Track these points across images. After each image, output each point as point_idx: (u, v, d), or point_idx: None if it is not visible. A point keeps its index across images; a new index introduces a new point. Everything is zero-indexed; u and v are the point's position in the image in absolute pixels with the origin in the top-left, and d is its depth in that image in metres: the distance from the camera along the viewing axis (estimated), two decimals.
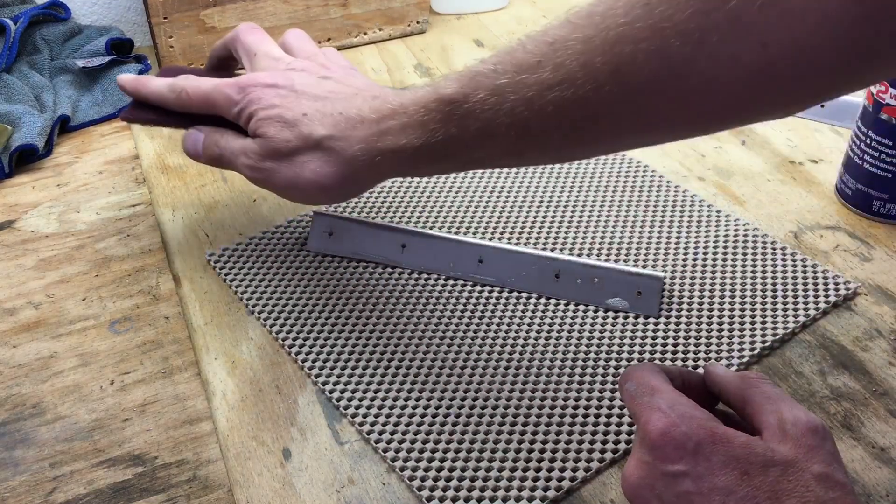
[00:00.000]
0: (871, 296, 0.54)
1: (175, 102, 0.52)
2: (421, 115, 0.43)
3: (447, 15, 0.92)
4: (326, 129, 0.46)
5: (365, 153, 0.45)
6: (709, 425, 0.35)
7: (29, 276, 0.54)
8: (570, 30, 0.38)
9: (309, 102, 0.47)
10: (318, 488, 0.42)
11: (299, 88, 0.48)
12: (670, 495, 0.34)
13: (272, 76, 0.49)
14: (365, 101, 0.46)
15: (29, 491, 0.41)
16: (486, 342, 0.50)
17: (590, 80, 0.37)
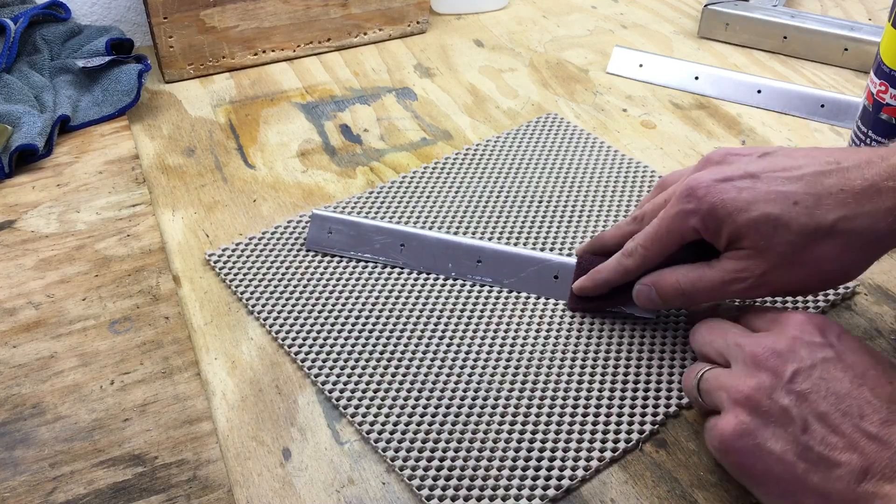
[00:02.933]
0: (871, 296, 0.54)
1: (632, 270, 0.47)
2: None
3: (447, 15, 0.92)
4: (834, 213, 0.40)
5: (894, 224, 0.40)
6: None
7: (29, 276, 0.54)
8: None
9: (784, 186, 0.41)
10: (318, 488, 0.42)
11: (756, 171, 0.43)
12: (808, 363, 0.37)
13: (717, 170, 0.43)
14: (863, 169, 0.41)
15: (29, 491, 0.41)
16: (485, 342, 0.50)
17: None
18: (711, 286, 0.44)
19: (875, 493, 0.34)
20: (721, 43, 0.86)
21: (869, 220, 0.40)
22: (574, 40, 0.87)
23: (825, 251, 0.41)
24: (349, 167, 0.67)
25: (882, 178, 0.40)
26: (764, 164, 0.43)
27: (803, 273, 0.42)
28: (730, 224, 0.42)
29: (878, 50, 0.60)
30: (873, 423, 0.35)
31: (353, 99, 0.76)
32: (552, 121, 0.72)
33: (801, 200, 0.41)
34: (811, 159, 0.43)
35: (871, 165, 0.41)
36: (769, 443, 0.37)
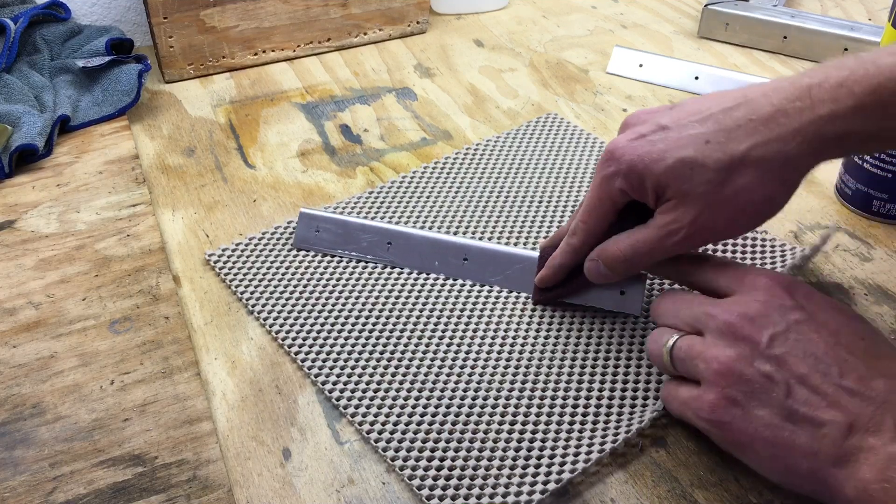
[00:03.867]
0: (871, 296, 0.54)
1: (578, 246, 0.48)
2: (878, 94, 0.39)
3: (447, 15, 0.92)
4: (745, 142, 0.41)
5: (804, 145, 0.40)
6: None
7: (29, 276, 0.54)
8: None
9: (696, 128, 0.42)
10: (318, 488, 0.42)
11: (667, 123, 0.43)
12: (782, 326, 0.38)
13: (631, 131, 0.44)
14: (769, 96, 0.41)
15: (29, 491, 0.41)
16: (485, 342, 0.50)
17: None
18: (650, 246, 0.44)
19: (860, 447, 0.35)
20: (721, 43, 0.86)
21: (779, 145, 0.40)
22: (574, 40, 0.87)
23: (744, 182, 0.41)
24: (349, 167, 0.67)
25: (789, 100, 0.40)
26: (674, 115, 0.44)
27: (730, 210, 0.42)
28: (650, 177, 0.42)
29: None
30: (852, 380, 0.37)
31: (353, 99, 0.76)
32: (552, 121, 0.72)
33: (713, 138, 0.41)
34: (718, 100, 0.43)
35: (777, 91, 0.41)
36: (755, 410, 0.38)
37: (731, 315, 0.40)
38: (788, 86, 0.41)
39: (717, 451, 0.44)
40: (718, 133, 0.41)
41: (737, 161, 0.41)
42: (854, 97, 0.39)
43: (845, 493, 0.35)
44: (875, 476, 0.34)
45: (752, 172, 0.41)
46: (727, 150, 0.41)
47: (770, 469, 0.38)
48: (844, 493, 0.35)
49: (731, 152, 0.41)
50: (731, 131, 0.41)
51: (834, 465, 0.36)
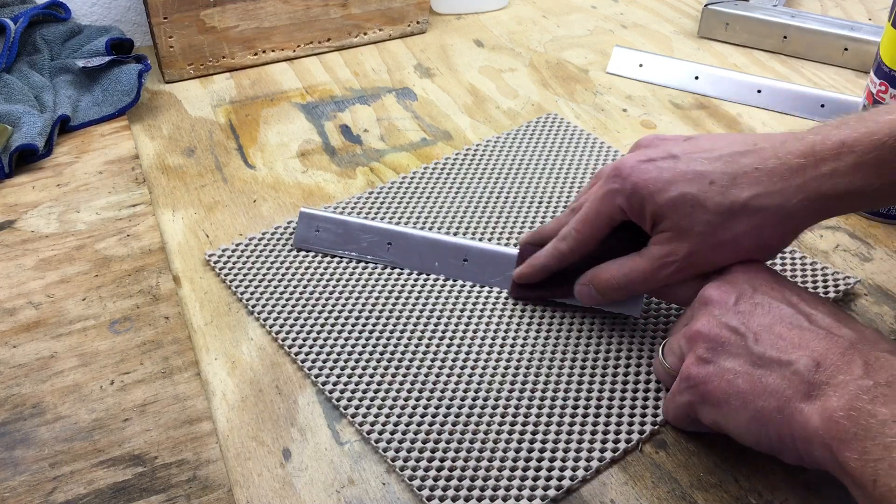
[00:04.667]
0: (871, 296, 0.54)
1: (566, 253, 0.48)
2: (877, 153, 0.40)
3: (447, 15, 0.92)
4: (747, 190, 0.42)
5: (805, 201, 0.41)
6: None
7: (29, 276, 0.54)
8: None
9: (703, 165, 0.43)
10: (318, 488, 0.42)
11: (678, 153, 0.44)
12: (749, 289, 0.41)
13: (642, 153, 0.45)
14: (777, 148, 0.42)
15: (29, 491, 0.41)
16: (485, 342, 0.50)
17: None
18: (644, 275, 0.45)
19: (828, 382, 0.36)
20: (721, 43, 0.86)
21: (780, 198, 0.41)
22: (574, 40, 0.87)
23: (741, 228, 0.42)
24: (349, 167, 0.67)
25: (794, 156, 0.42)
26: (686, 147, 0.45)
27: (724, 251, 0.43)
28: (651, 203, 0.43)
29: (878, 50, 0.60)
30: (819, 326, 0.38)
31: (353, 99, 0.76)
32: (552, 121, 0.72)
33: (718, 180, 0.42)
34: (731, 141, 0.44)
35: (785, 145, 0.42)
36: (726, 362, 0.39)
37: (706, 288, 0.43)
38: (795, 141, 0.42)
39: (716, 453, 0.44)
40: (724, 176, 0.42)
41: (737, 208, 0.42)
42: (855, 155, 0.40)
43: (811, 424, 0.35)
44: (842, 405, 0.35)
45: (751, 221, 0.42)
46: (729, 195, 0.42)
47: (743, 421, 0.38)
48: (811, 425, 0.35)
49: (733, 198, 0.42)
50: (737, 177, 0.42)
51: (802, 399, 0.36)
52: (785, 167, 0.42)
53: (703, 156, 0.44)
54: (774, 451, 0.38)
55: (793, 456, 0.38)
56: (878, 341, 0.37)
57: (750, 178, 0.42)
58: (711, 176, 0.42)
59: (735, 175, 0.42)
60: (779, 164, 0.42)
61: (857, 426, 0.34)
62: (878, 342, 0.37)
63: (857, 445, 0.33)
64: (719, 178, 0.42)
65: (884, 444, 0.33)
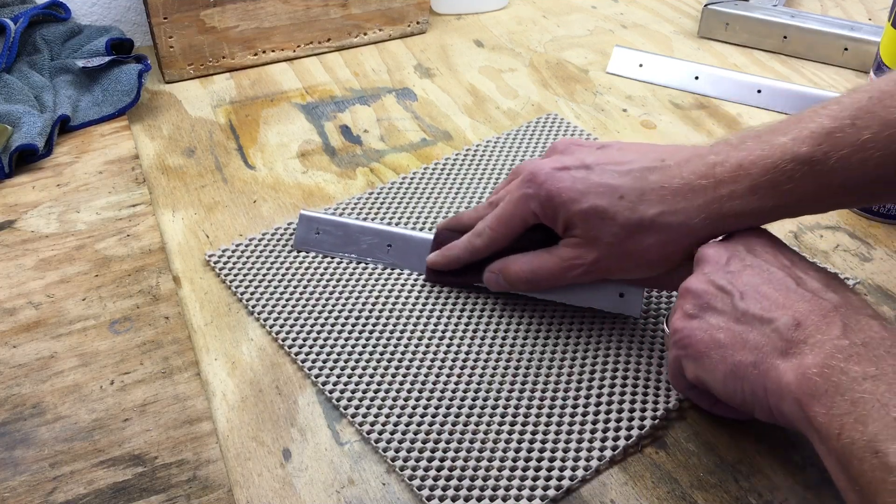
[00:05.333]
0: (871, 296, 0.54)
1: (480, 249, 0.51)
2: (770, 176, 0.42)
3: (447, 15, 0.92)
4: (654, 208, 0.44)
5: (706, 220, 0.44)
6: None
7: (29, 276, 0.54)
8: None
9: (615, 178, 0.45)
10: (318, 489, 0.42)
11: (591, 163, 0.46)
12: (742, 251, 0.42)
13: (556, 160, 0.47)
14: (682, 167, 0.45)
15: (29, 491, 0.41)
16: (485, 342, 0.50)
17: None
18: (551, 273, 0.48)
19: (805, 341, 0.36)
20: (721, 43, 0.86)
21: (683, 216, 0.44)
22: (574, 40, 0.87)
23: (647, 243, 0.45)
24: (349, 168, 0.67)
25: (697, 176, 0.44)
26: (599, 156, 0.47)
27: (628, 262, 0.46)
28: (564, 212, 0.46)
29: (878, 50, 0.60)
30: (806, 289, 0.39)
31: (353, 99, 0.76)
32: (552, 121, 0.72)
33: (627, 195, 0.45)
34: (641, 155, 0.46)
35: (689, 164, 0.45)
36: (712, 317, 0.40)
37: (702, 248, 0.44)
38: (699, 161, 0.44)
39: (716, 453, 0.44)
40: (633, 191, 0.45)
41: (645, 223, 0.44)
42: (750, 178, 0.43)
43: (785, 380, 0.36)
44: (816, 362, 0.35)
45: (656, 236, 0.44)
46: (637, 211, 0.44)
47: (720, 374, 0.39)
48: (784, 381, 0.36)
49: (641, 214, 0.44)
50: (645, 193, 0.44)
51: (779, 356, 0.37)
52: (688, 187, 0.44)
53: (615, 168, 0.46)
54: (747, 405, 0.39)
55: (764, 411, 0.38)
56: (862, 307, 0.38)
57: (656, 196, 0.44)
58: (621, 190, 0.45)
59: (643, 191, 0.45)
60: (683, 184, 0.44)
61: (829, 383, 0.34)
62: (863, 308, 0.38)
63: (826, 401, 0.34)
64: (628, 193, 0.45)
65: (852, 400, 0.33)
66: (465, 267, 0.52)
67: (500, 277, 0.51)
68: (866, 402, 0.33)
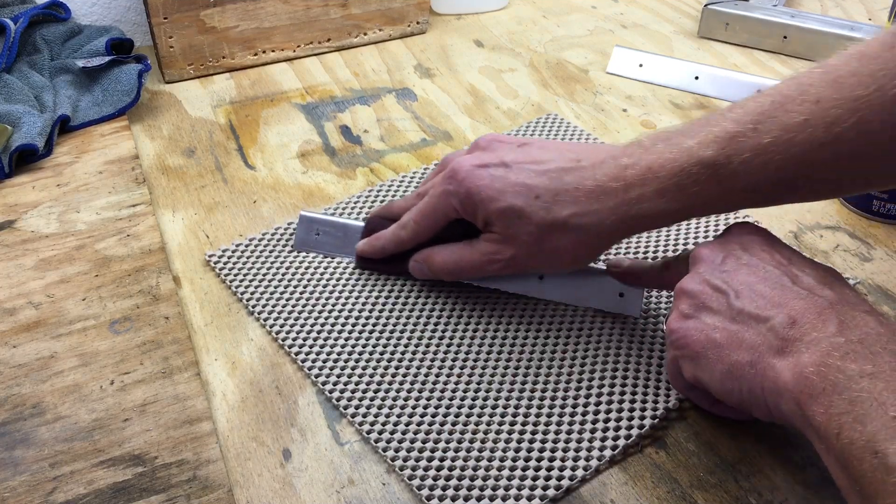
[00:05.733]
0: (871, 296, 0.54)
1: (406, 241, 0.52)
2: (677, 179, 0.43)
3: (447, 15, 0.92)
4: (568, 209, 0.46)
5: (617, 222, 0.45)
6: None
7: (29, 276, 0.54)
8: (836, 89, 0.40)
9: (531, 178, 0.47)
10: (318, 489, 0.42)
11: (510, 161, 0.48)
12: (738, 249, 0.42)
13: (476, 157, 0.49)
14: (595, 169, 0.46)
15: (29, 491, 0.41)
16: (485, 342, 0.50)
17: (864, 136, 0.40)
18: (472, 265, 0.50)
19: (801, 339, 0.36)
20: (721, 43, 0.86)
21: (595, 217, 0.45)
22: (574, 40, 0.87)
23: (560, 243, 0.46)
24: (349, 168, 0.67)
25: (609, 178, 0.45)
26: (518, 155, 0.48)
27: (543, 258, 0.48)
28: (482, 209, 0.47)
29: None
30: (801, 286, 0.39)
31: (353, 99, 0.76)
32: (552, 121, 0.72)
33: (542, 195, 0.46)
34: (559, 154, 0.48)
35: (602, 166, 0.46)
36: (706, 318, 0.41)
37: (697, 248, 0.44)
38: (612, 163, 0.46)
39: (716, 453, 0.44)
40: (548, 192, 0.46)
41: (558, 224, 0.46)
42: (658, 181, 0.44)
43: (782, 379, 0.36)
44: (813, 360, 0.35)
45: (569, 236, 0.46)
46: (551, 212, 0.46)
47: (717, 374, 0.39)
48: (781, 380, 0.36)
49: (555, 215, 0.46)
50: (559, 194, 0.46)
51: (775, 354, 0.37)
52: (600, 190, 0.45)
53: (532, 168, 0.47)
54: (745, 404, 0.39)
55: (762, 410, 0.38)
56: (858, 303, 0.38)
57: (570, 197, 0.46)
58: (537, 190, 0.46)
59: (558, 192, 0.46)
60: (595, 186, 0.45)
61: (826, 381, 0.34)
62: (859, 304, 0.38)
63: (824, 400, 0.34)
64: (544, 193, 0.46)
65: (849, 399, 0.33)
66: (394, 256, 0.53)
67: (424, 267, 0.52)
68: (864, 400, 0.33)
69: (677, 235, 0.58)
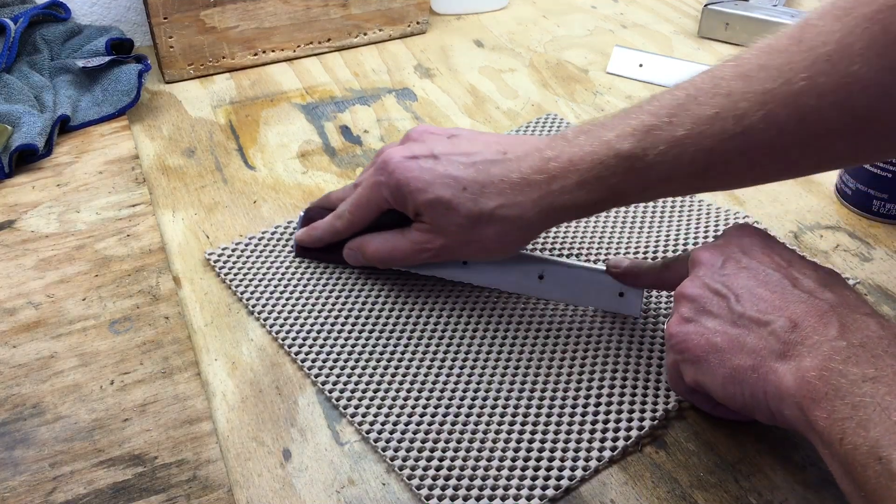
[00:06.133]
0: (871, 296, 0.54)
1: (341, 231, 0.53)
2: (597, 171, 0.45)
3: (447, 15, 0.92)
4: (494, 200, 0.47)
5: (541, 213, 0.47)
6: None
7: (29, 276, 0.54)
8: (746, 83, 0.41)
9: (459, 170, 0.48)
10: (318, 489, 0.42)
11: (439, 153, 0.49)
12: (737, 253, 0.42)
13: (407, 147, 0.50)
14: (521, 161, 0.47)
15: (29, 491, 0.41)
16: (485, 342, 0.50)
17: (772, 128, 0.40)
18: (404, 254, 0.51)
19: (803, 342, 0.36)
20: (721, 43, 0.86)
21: (520, 209, 0.47)
22: (574, 40, 0.87)
23: (487, 233, 0.48)
24: (349, 168, 0.67)
25: (533, 171, 0.46)
26: (447, 147, 0.49)
27: (472, 248, 0.49)
28: (412, 200, 0.48)
29: None
30: (801, 289, 0.39)
31: (353, 100, 0.76)
32: (552, 121, 0.72)
33: (469, 187, 0.47)
34: (486, 146, 0.49)
35: (527, 158, 0.47)
36: (707, 322, 0.40)
37: (695, 251, 0.44)
38: (537, 156, 0.47)
39: (716, 453, 0.44)
40: (475, 184, 0.47)
41: (485, 215, 0.47)
42: (578, 173, 0.45)
43: (784, 384, 0.36)
44: (815, 365, 0.35)
45: (495, 227, 0.47)
46: (478, 204, 0.47)
47: (719, 378, 0.39)
48: (784, 385, 0.36)
49: (482, 207, 0.47)
50: (486, 186, 0.47)
51: (777, 358, 0.37)
52: (525, 182, 0.46)
53: (460, 160, 0.48)
54: (748, 408, 0.39)
55: (765, 414, 0.38)
56: (859, 305, 0.38)
57: (496, 189, 0.47)
58: (464, 182, 0.47)
59: (484, 184, 0.47)
60: (520, 179, 0.46)
61: (828, 386, 0.34)
62: (860, 306, 0.38)
63: (827, 405, 0.34)
64: (471, 185, 0.47)
65: (852, 404, 0.33)
66: (331, 245, 0.55)
67: (358, 254, 0.53)
68: (867, 405, 0.33)
69: (677, 235, 0.58)
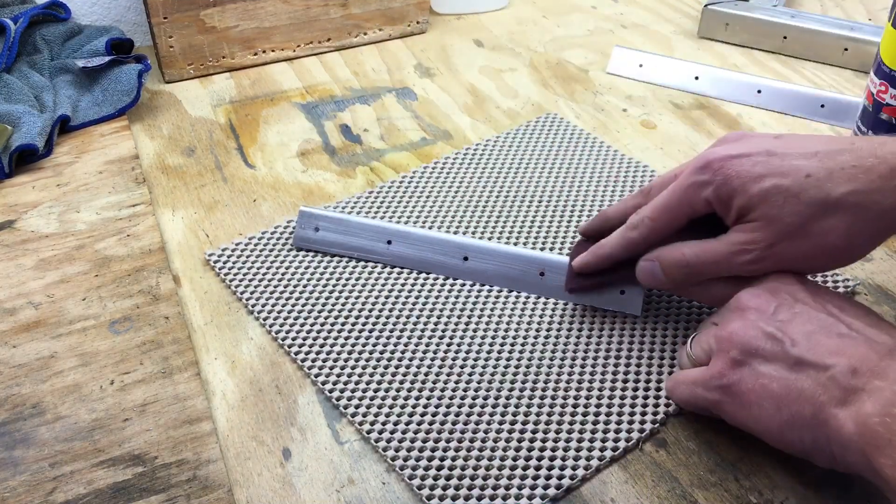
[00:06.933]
0: (871, 296, 0.54)
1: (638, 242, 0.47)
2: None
3: (447, 15, 0.92)
4: (843, 186, 0.41)
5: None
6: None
7: (29, 276, 0.54)
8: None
9: (800, 161, 0.42)
10: (318, 488, 0.42)
11: (773, 149, 0.43)
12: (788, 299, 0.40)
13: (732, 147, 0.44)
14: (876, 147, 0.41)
15: (29, 491, 0.41)
16: (485, 342, 0.50)
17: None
18: (717, 258, 0.44)
19: (864, 388, 0.35)
20: (721, 43, 0.86)
21: (878, 196, 0.40)
22: (574, 40, 0.87)
23: (832, 224, 0.41)
24: (349, 167, 0.67)
25: (893, 154, 0.40)
26: (781, 144, 0.44)
27: (809, 246, 0.42)
28: (742, 195, 0.42)
29: (878, 50, 0.60)
30: (860, 332, 0.38)
31: (353, 99, 0.76)
32: (552, 121, 0.72)
33: (814, 173, 0.41)
34: (826, 140, 0.43)
35: (885, 145, 0.41)
36: (761, 367, 0.39)
37: (743, 295, 0.42)
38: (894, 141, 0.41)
39: (717, 452, 0.44)
40: (820, 170, 0.41)
41: (831, 203, 0.41)
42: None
43: (846, 430, 0.35)
44: (878, 410, 0.34)
45: (843, 217, 0.41)
46: (824, 189, 0.41)
47: (775, 425, 0.38)
48: (845, 431, 0.35)
49: (828, 192, 0.41)
50: (833, 172, 0.41)
51: (837, 405, 0.36)
52: (885, 166, 0.40)
53: (799, 151, 0.43)
54: (807, 454, 0.38)
55: (826, 460, 0.37)
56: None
57: (847, 175, 0.41)
58: (807, 170, 0.41)
59: (831, 170, 0.41)
60: (877, 163, 0.40)
61: (891, 432, 0.33)
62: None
63: (891, 451, 0.33)
64: (815, 171, 0.41)
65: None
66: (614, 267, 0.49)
67: (656, 266, 0.46)
68: None
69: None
